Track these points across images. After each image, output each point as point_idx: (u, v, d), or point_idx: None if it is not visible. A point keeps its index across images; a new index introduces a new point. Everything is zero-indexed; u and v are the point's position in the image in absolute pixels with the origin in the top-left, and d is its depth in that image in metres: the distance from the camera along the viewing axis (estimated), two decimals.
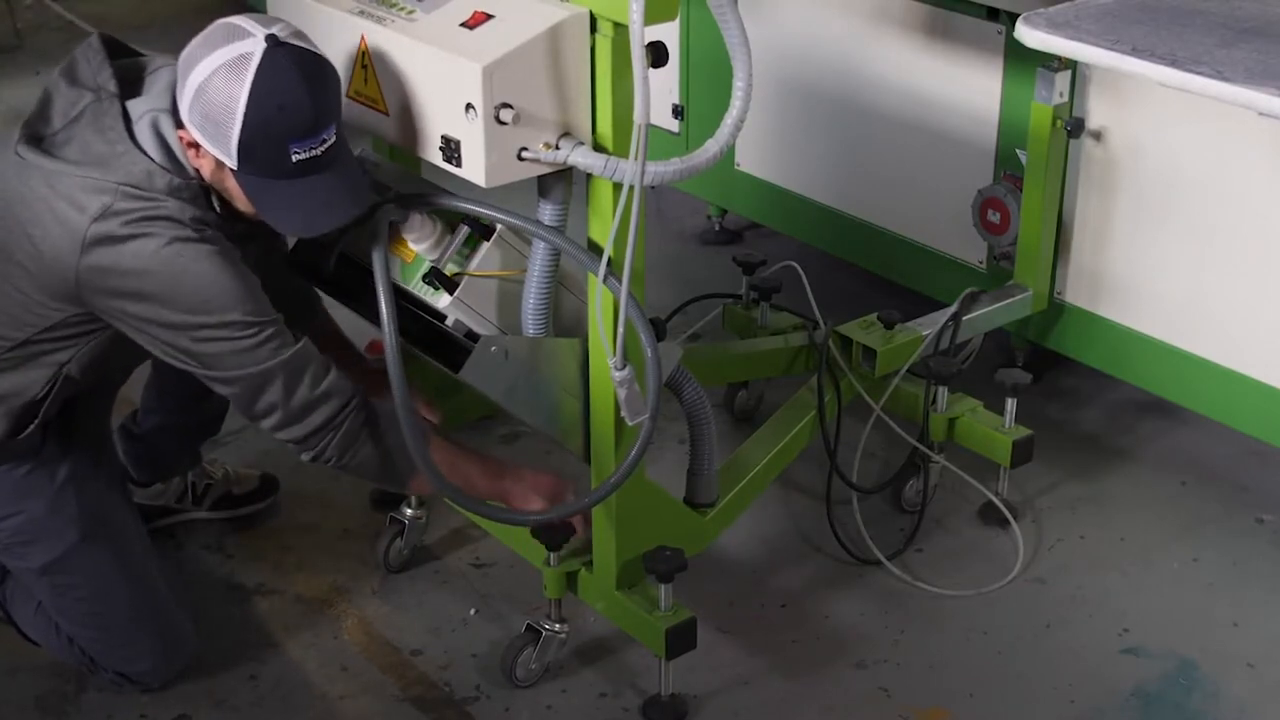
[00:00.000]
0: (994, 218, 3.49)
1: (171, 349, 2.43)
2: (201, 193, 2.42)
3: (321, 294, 2.90)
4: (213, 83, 2.30)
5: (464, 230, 2.56)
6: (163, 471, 3.20)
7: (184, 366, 2.46)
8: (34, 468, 2.65)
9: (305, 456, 2.54)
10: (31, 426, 2.59)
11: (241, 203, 2.42)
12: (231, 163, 2.34)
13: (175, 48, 2.42)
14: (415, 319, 2.59)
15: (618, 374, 2.46)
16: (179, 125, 2.38)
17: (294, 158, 2.33)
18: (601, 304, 2.47)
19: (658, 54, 2.30)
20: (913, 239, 3.73)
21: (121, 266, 2.35)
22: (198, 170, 2.41)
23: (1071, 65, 3.22)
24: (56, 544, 2.67)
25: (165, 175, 2.37)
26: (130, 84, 2.46)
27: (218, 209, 2.44)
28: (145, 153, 2.38)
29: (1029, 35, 2.76)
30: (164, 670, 2.81)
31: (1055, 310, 3.49)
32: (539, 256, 2.52)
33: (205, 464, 3.26)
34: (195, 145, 2.37)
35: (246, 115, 2.29)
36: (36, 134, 2.45)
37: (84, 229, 2.34)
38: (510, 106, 2.32)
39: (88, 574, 2.70)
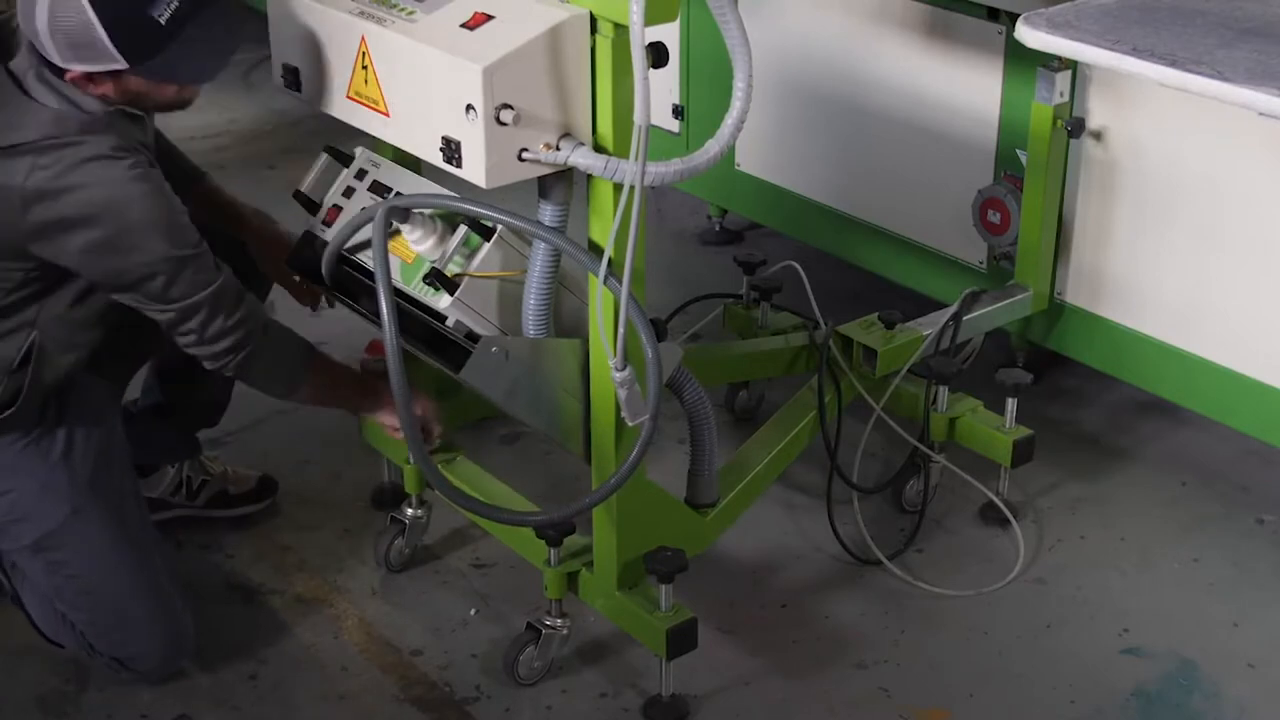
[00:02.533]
0: (994, 218, 3.49)
1: (114, 284, 2.55)
2: (112, 121, 2.52)
3: (321, 293, 2.91)
4: (55, 13, 2.41)
5: (464, 231, 2.56)
6: (160, 454, 3.19)
7: (128, 299, 2.56)
8: (29, 444, 2.67)
9: (206, 365, 2.66)
10: (19, 400, 2.61)
11: (162, 96, 2.55)
12: (121, 63, 2.45)
13: None
14: (415, 320, 2.59)
15: (618, 374, 2.46)
16: (59, 72, 2.47)
17: (161, 19, 2.44)
18: (602, 304, 2.47)
19: (658, 55, 2.30)
20: (913, 239, 3.73)
21: (66, 216, 2.45)
22: (103, 97, 2.50)
23: (1072, 65, 3.22)
24: (48, 519, 2.69)
25: (73, 116, 2.48)
26: (3, 48, 2.57)
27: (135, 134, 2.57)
28: (43, 104, 2.48)
29: (1029, 35, 2.76)
30: (159, 658, 2.80)
31: (1055, 310, 3.49)
32: (539, 257, 2.52)
33: (204, 458, 3.25)
34: (87, 77, 2.47)
35: (99, 14, 2.40)
36: None
37: (18, 191, 2.43)
38: (511, 107, 2.32)
39: (78, 550, 2.71)
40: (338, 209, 2.79)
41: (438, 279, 2.51)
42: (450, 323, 2.56)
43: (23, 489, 2.68)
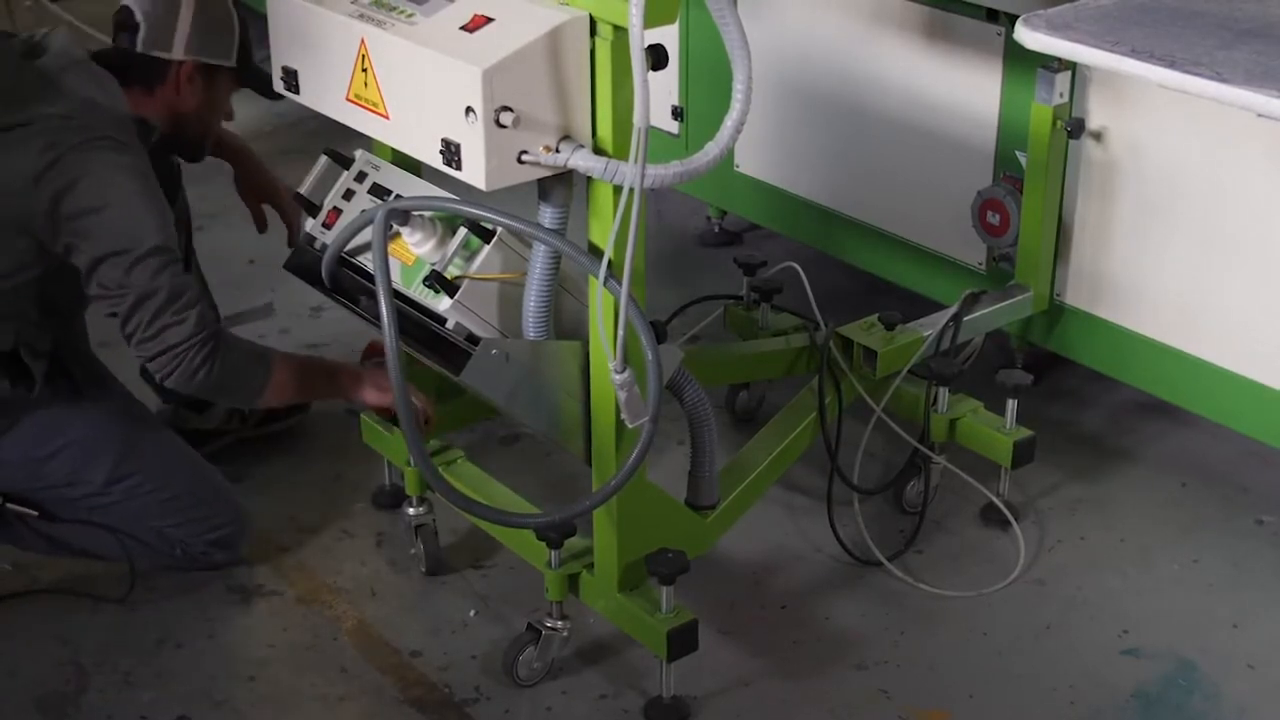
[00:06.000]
0: (994, 219, 3.49)
1: (101, 272, 2.71)
2: (131, 124, 2.81)
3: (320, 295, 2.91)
4: (206, 6, 2.88)
5: (464, 233, 2.56)
6: None
7: (100, 291, 2.73)
8: (56, 407, 2.90)
9: (158, 377, 2.78)
10: (36, 381, 2.83)
11: (210, 116, 3.03)
12: (232, 62, 2.96)
13: None
14: (416, 322, 2.60)
15: (618, 376, 2.46)
16: (124, 77, 2.83)
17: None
18: (602, 306, 2.47)
19: (657, 57, 2.30)
20: (912, 240, 3.73)
21: (79, 200, 2.67)
22: (148, 112, 2.87)
23: (1071, 66, 3.22)
24: (108, 455, 2.93)
25: (102, 108, 2.75)
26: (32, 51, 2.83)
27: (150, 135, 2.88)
28: (76, 93, 2.73)
29: (1028, 37, 2.76)
30: (241, 525, 3.07)
31: (1055, 311, 3.49)
32: (539, 259, 2.52)
33: None
34: (146, 90, 2.89)
35: (239, 16, 2.96)
36: None
37: (36, 171, 2.66)
38: (510, 110, 2.32)
39: (146, 468, 2.97)
40: (337, 211, 2.79)
41: (438, 281, 2.52)
42: (450, 325, 2.56)
43: (73, 441, 2.91)
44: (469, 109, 2.33)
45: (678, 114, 4.19)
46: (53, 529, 3.01)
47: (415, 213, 2.56)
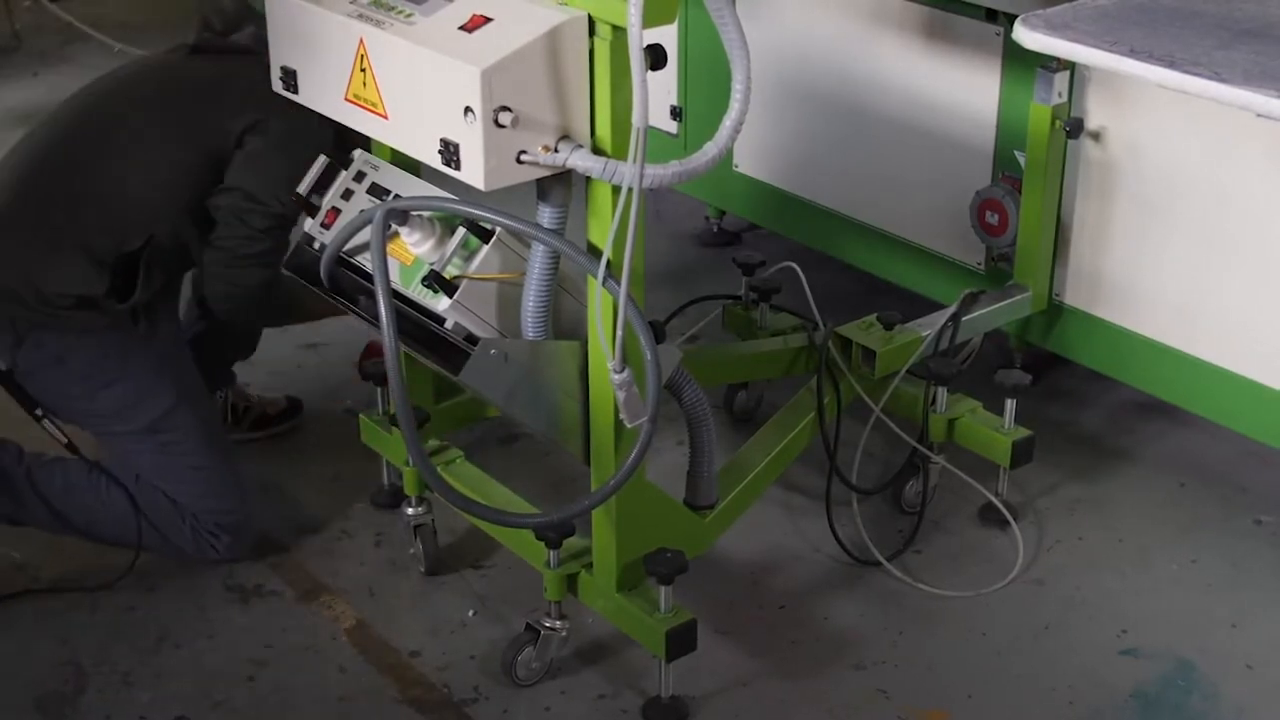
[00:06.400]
0: (992, 219, 3.49)
1: (231, 199, 2.99)
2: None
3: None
4: None
5: (463, 233, 2.56)
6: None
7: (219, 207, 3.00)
8: (133, 341, 3.01)
9: (224, 287, 3.04)
10: (136, 289, 2.97)
11: None
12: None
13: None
14: (414, 322, 2.60)
15: (617, 376, 2.46)
16: None
17: None
18: (601, 306, 2.47)
19: (656, 57, 2.30)
20: (911, 240, 3.73)
21: (264, 138, 2.99)
22: None
23: (1070, 66, 3.22)
24: (159, 403, 3.02)
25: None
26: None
27: None
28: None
29: (1027, 37, 2.76)
30: (249, 530, 3.13)
31: (1054, 311, 3.49)
32: (538, 259, 2.52)
33: (240, 386, 3.59)
34: None
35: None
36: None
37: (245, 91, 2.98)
38: (509, 110, 2.32)
39: (188, 431, 3.06)
40: (336, 211, 2.79)
41: (436, 281, 2.52)
42: (449, 325, 2.56)
43: (134, 378, 3.01)
44: (468, 109, 2.33)
45: (676, 114, 4.19)
46: (67, 499, 3.04)
47: (414, 212, 2.56)
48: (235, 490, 3.10)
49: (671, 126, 4.21)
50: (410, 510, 3.08)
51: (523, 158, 2.37)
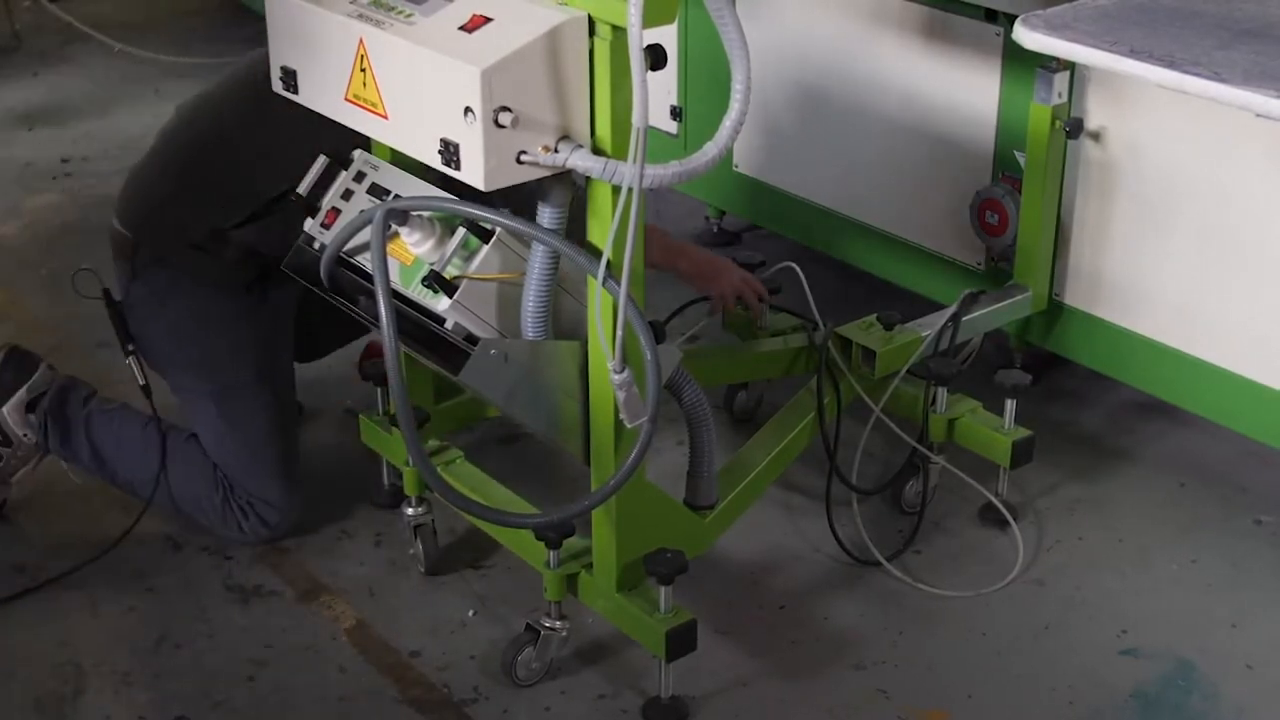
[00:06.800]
0: (992, 219, 3.49)
1: None
2: None
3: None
4: None
5: (463, 233, 2.56)
6: (318, 352, 3.49)
7: None
8: (234, 306, 3.08)
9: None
10: (249, 269, 3.03)
11: None
12: None
13: (175, 48, 2.43)
14: (414, 322, 2.60)
15: (617, 376, 2.46)
16: None
17: None
18: (601, 306, 2.47)
19: (656, 57, 2.30)
20: (911, 240, 3.73)
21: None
22: None
23: (1070, 66, 3.22)
24: (236, 375, 3.09)
25: None
26: None
27: None
28: None
29: (1027, 37, 2.76)
30: (284, 521, 3.15)
31: (1054, 311, 3.49)
32: (538, 259, 2.52)
33: None
34: None
35: None
36: None
37: None
38: (509, 110, 2.32)
39: (257, 412, 3.10)
40: (336, 211, 2.79)
41: (436, 281, 2.52)
42: (449, 325, 2.56)
43: (222, 341, 3.08)
44: (468, 109, 2.33)
45: (676, 114, 4.19)
46: (118, 451, 3.13)
47: (414, 212, 2.56)
48: (282, 483, 3.13)
49: (671, 126, 4.21)
50: (410, 510, 3.09)
51: (523, 158, 2.37)
